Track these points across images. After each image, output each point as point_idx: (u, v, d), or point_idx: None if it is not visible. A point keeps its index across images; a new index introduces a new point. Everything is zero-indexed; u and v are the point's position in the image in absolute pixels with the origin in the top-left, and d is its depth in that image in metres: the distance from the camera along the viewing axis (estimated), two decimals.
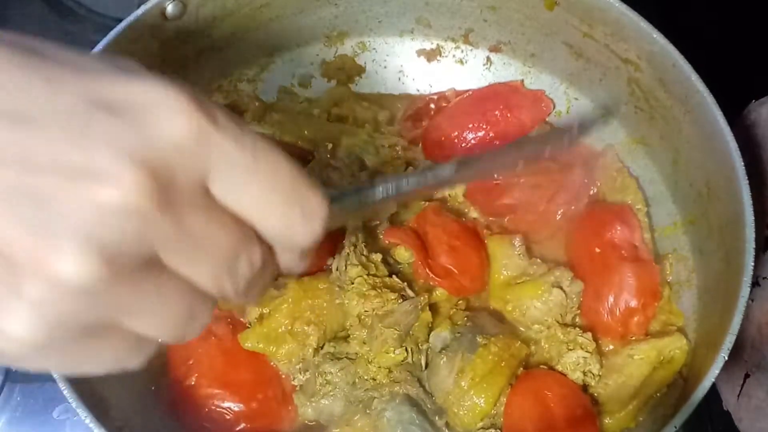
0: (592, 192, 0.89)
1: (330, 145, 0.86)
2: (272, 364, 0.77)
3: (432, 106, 0.93)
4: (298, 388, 0.77)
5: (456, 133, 0.90)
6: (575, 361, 0.77)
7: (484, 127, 0.89)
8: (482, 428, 0.74)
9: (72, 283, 0.31)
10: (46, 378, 0.85)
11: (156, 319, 0.36)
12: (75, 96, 0.32)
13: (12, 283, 0.31)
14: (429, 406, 0.74)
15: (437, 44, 0.95)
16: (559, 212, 0.88)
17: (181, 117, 0.33)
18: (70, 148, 0.31)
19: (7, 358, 0.33)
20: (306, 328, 0.75)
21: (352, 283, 0.75)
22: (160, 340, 0.38)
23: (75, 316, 0.32)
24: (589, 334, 0.79)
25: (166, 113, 0.33)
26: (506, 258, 0.82)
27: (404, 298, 0.75)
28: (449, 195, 0.88)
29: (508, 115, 0.90)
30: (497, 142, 0.89)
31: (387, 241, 0.82)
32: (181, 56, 0.83)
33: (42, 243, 0.30)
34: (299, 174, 0.37)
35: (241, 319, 0.79)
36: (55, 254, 0.30)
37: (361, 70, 0.95)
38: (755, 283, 0.78)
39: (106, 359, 0.36)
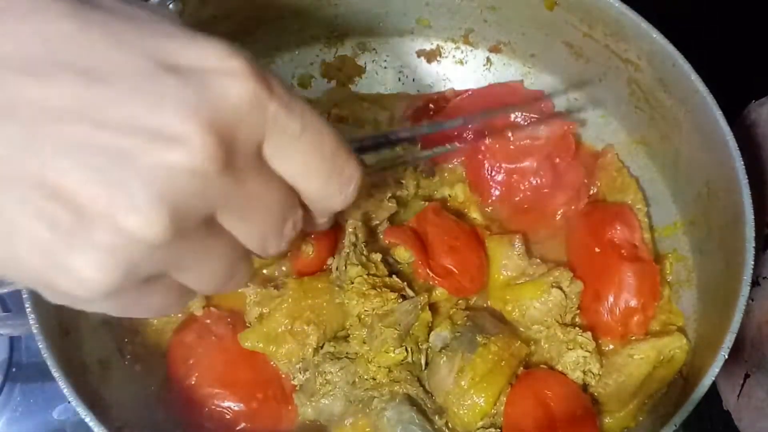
0: (592, 192, 0.89)
1: None
2: (272, 363, 0.77)
3: (431, 106, 0.93)
4: (298, 388, 0.76)
5: (455, 133, 0.89)
6: (575, 360, 0.77)
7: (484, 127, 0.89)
8: (482, 428, 0.74)
9: (142, 236, 0.33)
10: (46, 378, 0.85)
11: (202, 275, 0.39)
12: (141, 57, 0.34)
13: (83, 231, 0.33)
14: (429, 405, 0.74)
15: (437, 45, 0.95)
16: (559, 212, 0.88)
17: (242, 82, 0.35)
18: (142, 109, 0.33)
19: (71, 299, 0.36)
20: (306, 327, 0.75)
21: (352, 283, 0.75)
22: (199, 292, 0.42)
23: (139, 266, 0.35)
24: (588, 334, 0.79)
25: (228, 78, 0.35)
26: (506, 258, 0.82)
27: (404, 297, 0.75)
28: (449, 195, 0.88)
29: None
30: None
31: (387, 241, 0.82)
32: None
33: (116, 197, 0.33)
34: (340, 142, 0.40)
35: (245, 318, 0.79)
36: (129, 209, 0.33)
37: (361, 71, 0.95)
38: (755, 283, 0.78)
39: (152, 307, 0.40)
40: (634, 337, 0.80)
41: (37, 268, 0.34)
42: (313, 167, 0.39)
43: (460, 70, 0.95)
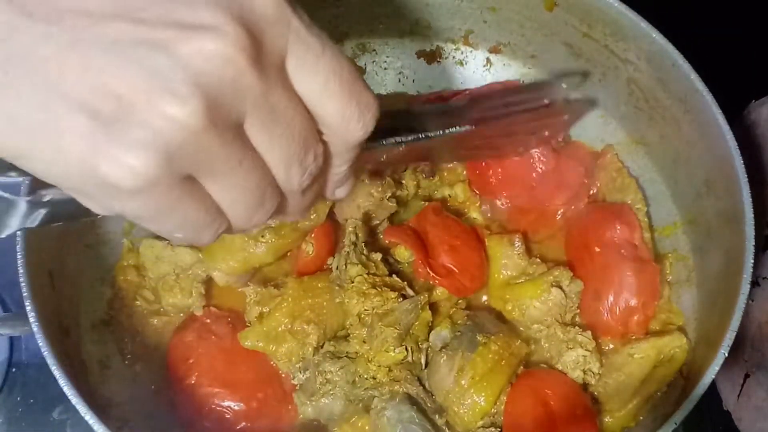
0: (592, 192, 0.89)
1: None
2: (272, 363, 0.77)
3: None
4: (298, 387, 0.76)
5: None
6: (575, 359, 0.77)
7: None
8: (482, 427, 0.74)
9: (179, 118, 0.36)
10: (46, 378, 0.85)
11: (233, 189, 0.41)
12: None
13: (124, 118, 0.35)
14: (429, 404, 0.74)
15: (437, 45, 0.95)
16: (559, 212, 0.88)
17: None
18: (176, 6, 0.36)
19: (112, 192, 0.37)
20: (306, 326, 0.75)
21: (352, 282, 0.75)
22: (231, 217, 0.43)
23: (176, 154, 0.37)
24: (588, 333, 0.79)
25: None
26: (506, 258, 0.82)
27: (404, 297, 0.75)
28: (449, 195, 0.88)
29: None
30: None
31: (387, 241, 0.82)
32: None
33: (153, 83, 0.35)
34: (357, 72, 0.43)
35: (245, 318, 0.79)
36: (165, 92, 0.35)
37: (361, 72, 0.95)
38: (755, 283, 0.78)
39: (186, 219, 0.41)
40: (634, 337, 0.80)
41: (81, 156, 0.36)
42: (333, 87, 0.41)
43: (460, 70, 0.96)
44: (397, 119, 0.59)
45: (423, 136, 0.60)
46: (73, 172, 0.37)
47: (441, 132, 0.62)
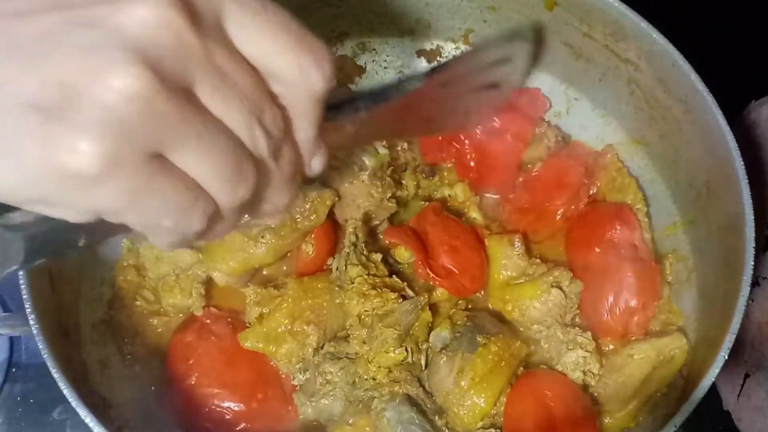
0: (592, 192, 0.89)
1: None
2: (272, 363, 0.77)
3: None
4: (298, 388, 0.77)
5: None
6: (575, 360, 0.77)
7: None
8: (482, 428, 0.74)
9: (126, 90, 0.34)
10: (46, 378, 0.85)
11: (205, 155, 0.38)
12: None
13: (72, 102, 0.34)
14: (429, 405, 0.74)
15: (437, 45, 0.95)
16: (559, 212, 0.88)
17: None
18: None
19: (79, 183, 0.36)
20: (306, 327, 0.75)
21: (352, 283, 0.75)
22: (213, 192, 0.40)
23: (133, 130, 0.35)
24: (588, 334, 0.79)
25: None
26: (506, 258, 0.82)
27: (404, 297, 0.75)
28: (449, 195, 0.88)
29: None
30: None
31: (387, 241, 0.82)
32: None
33: (93, 60, 0.34)
34: (303, 25, 0.41)
35: (245, 318, 0.79)
36: (106, 67, 0.34)
37: (361, 71, 0.95)
38: (755, 283, 0.78)
39: (166, 201, 0.38)
40: (634, 337, 0.80)
41: (40, 156, 0.35)
42: (284, 41, 0.40)
43: None
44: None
45: (381, 97, 0.59)
46: (37, 177, 0.36)
47: (397, 90, 0.61)
